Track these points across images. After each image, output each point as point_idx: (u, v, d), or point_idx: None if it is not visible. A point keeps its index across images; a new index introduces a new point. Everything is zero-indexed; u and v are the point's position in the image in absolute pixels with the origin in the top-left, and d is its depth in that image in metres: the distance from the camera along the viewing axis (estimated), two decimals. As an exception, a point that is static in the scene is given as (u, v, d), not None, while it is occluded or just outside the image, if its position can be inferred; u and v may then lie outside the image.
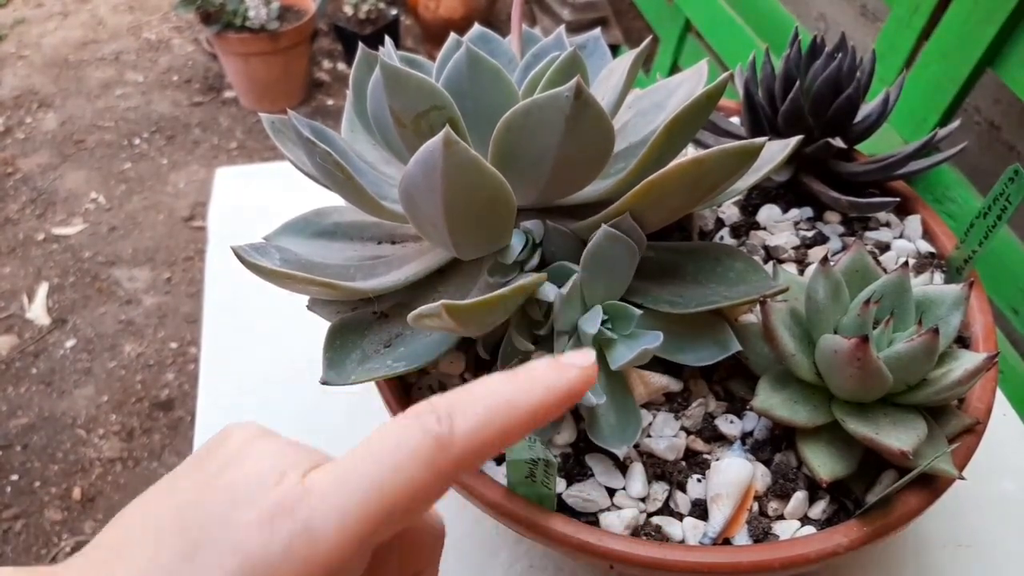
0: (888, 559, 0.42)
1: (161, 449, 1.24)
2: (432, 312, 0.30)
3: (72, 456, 1.23)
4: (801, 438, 0.36)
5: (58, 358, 1.36)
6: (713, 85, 0.34)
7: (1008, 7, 0.58)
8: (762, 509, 0.35)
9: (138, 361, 1.36)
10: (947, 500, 0.34)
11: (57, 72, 2.02)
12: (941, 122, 0.65)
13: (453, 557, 0.42)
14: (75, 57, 2.08)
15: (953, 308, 0.37)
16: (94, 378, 1.33)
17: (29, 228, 1.59)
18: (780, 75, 0.48)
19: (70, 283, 1.49)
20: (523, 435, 0.19)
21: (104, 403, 1.30)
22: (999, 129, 0.85)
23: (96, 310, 1.44)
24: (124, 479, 1.20)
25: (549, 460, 0.31)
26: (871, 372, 0.33)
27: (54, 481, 1.19)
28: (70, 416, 1.28)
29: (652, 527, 0.34)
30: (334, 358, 0.35)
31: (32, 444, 1.24)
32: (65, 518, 1.15)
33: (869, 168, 0.48)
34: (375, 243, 0.41)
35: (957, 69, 0.63)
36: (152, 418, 1.28)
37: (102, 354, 1.37)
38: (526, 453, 0.31)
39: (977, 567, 0.43)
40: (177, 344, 1.39)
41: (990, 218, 0.41)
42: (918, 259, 0.45)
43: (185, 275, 1.51)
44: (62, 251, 1.55)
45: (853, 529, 0.33)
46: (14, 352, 1.37)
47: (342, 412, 0.48)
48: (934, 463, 0.32)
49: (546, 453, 0.31)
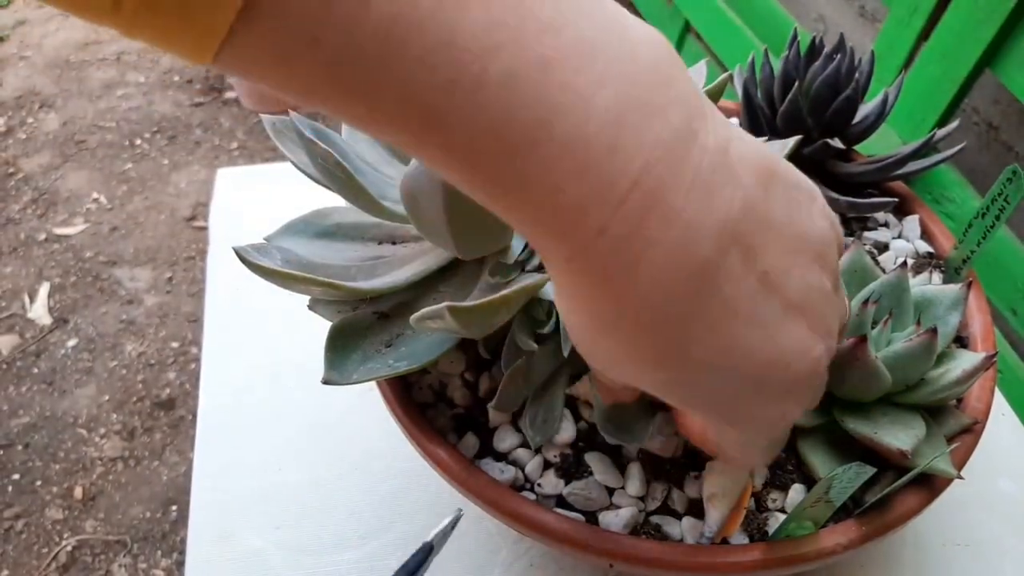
0: (886, 558, 0.43)
1: (162, 448, 1.24)
2: (435, 314, 0.30)
3: (73, 455, 1.23)
4: (800, 437, 0.36)
5: (59, 357, 1.36)
6: (712, 86, 0.34)
7: (1007, 8, 0.58)
8: (761, 502, 0.35)
9: (139, 360, 1.36)
10: (945, 499, 0.34)
11: (59, 73, 2.03)
12: (940, 123, 0.65)
13: (453, 556, 0.42)
14: (76, 58, 2.08)
15: (951, 308, 0.37)
16: (95, 377, 1.33)
17: (31, 228, 1.60)
18: (779, 76, 0.48)
19: (71, 283, 1.49)
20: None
21: (105, 402, 1.30)
22: (997, 129, 0.85)
23: (97, 310, 1.44)
24: (125, 478, 1.20)
25: (864, 468, 0.31)
26: (870, 372, 0.33)
27: (55, 480, 1.20)
28: (71, 415, 1.28)
29: (651, 526, 0.34)
30: (335, 358, 0.35)
31: (33, 443, 1.24)
32: (66, 517, 1.15)
33: (868, 168, 0.48)
34: (376, 243, 0.41)
35: (956, 70, 0.63)
36: (153, 417, 1.28)
37: (103, 353, 1.37)
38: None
39: (975, 566, 0.43)
40: (178, 344, 1.39)
41: (988, 218, 0.41)
42: (917, 259, 0.45)
43: (186, 275, 1.51)
44: (63, 251, 1.55)
45: (851, 528, 0.33)
46: (15, 352, 1.37)
47: (343, 412, 0.49)
48: (933, 463, 0.32)
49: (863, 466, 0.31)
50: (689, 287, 0.20)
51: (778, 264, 0.22)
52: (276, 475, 0.46)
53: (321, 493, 0.45)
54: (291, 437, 0.48)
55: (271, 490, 0.46)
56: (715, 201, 0.20)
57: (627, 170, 0.19)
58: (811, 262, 0.23)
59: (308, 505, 0.45)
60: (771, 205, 0.22)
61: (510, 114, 0.18)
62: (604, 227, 0.19)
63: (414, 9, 0.17)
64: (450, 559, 0.42)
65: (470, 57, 0.18)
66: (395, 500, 0.45)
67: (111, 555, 1.11)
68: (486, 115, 0.18)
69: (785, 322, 0.23)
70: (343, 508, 0.45)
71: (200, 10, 0.16)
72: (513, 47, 0.18)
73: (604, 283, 0.20)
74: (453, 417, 0.38)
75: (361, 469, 0.46)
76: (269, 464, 0.47)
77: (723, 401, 0.24)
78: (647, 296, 0.20)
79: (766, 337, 0.22)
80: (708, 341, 0.21)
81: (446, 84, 0.18)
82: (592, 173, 0.19)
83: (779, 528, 0.33)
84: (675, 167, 0.19)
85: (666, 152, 0.19)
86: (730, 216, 0.20)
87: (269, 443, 0.48)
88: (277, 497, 0.45)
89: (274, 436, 0.48)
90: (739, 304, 0.21)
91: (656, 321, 0.21)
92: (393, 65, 0.17)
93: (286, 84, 0.18)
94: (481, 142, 0.19)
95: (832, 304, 0.25)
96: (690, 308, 0.21)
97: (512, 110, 0.18)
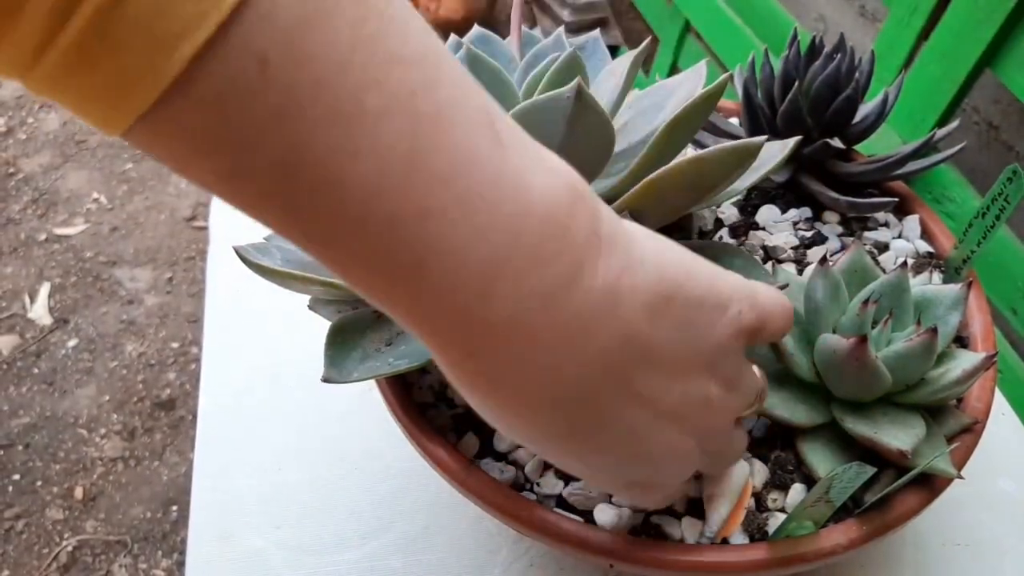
0: (886, 558, 0.43)
1: (163, 448, 1.24)
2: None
3: (74, 455, 1.23)
4: (800, 437, 0.36)
5: (60, 358, 1.36)
6: (712, 86, 0.34)
7: (1007, 7, 0.58)
8: (761, 502, 0.35)
9: (140, 361, 1.36)
10: (945, 499, 0.34)
11: (58, 72, 2.03)
12: (940, 122, 0.65)
13: (453, 556, 0.42)
14: (76, 57, 2.08)
15: (952, 308, 0.37)
16: (96, 378, 1.33)
17: (31, 228, 1.60)
18: (779, 76, 0.48)
19: (72, 283, 1.49)
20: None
21: (106, 402, 1.30)
22: (998, 129, 0.85)
23: (98, 310, 1.44)
24: (126, 478, 1.20)
25: (864, 468, 0.31)
26: (870, 372, 0.33)
27: (56, 480, 1.20)
28: (72, 415, 1.28)
29: (651, 526, 0.34)
30: (335, 356, 0.35)
31: (34, 443, 1.24)
32: (67, 517, 1.15)
33: (868, 168, 0.48)
34: (376, 243, 0.41)
35: (956, 69, 0.63)
36: (154, 417, 1.28)
37: (104, 354, 1.37)
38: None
39: (975, 566, 0.43)
40: (178, 344, 1.39)
41: (989, 218, 0.41)
42: (917, 259, 0.45)
43: (187, 275, 1.51)
44: (64, 251, 1.55)
45: (851, 528, 0.33)
46: (16, 352, 1.37)
47: (343, 412, 0.49)
48: (933, 462, 0.32)
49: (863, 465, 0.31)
50: (550, 405, 0.22)
51: (653, 384, 0.24)
52: (276, 475, 0.46)
53: (321, 493, 0.45)
54: (291, 437, 0.48)
55: (271, 490, 0.46)
56: (589, 339, 0.22)
57: (497, 313, 0.20)
58: (696, 374, 0.25)
59: (308, 505, 0.45)
60: (655, 333, 0.23)
61: (389, 254, 0.20)
62: (472, 352, 0.21)
63: (305, 150, 0.18)
64: (450, 559, 0.42)
65: (353, 199, 0.19)
66: (395, 500, 0.45)
67: (111, 555, 1.11)
68: (366, 249, 0.20)
69: (653, 431, 0.24)
70: (343, 508, 0.45)
71: (125, 85, 0.17)
72: (397, 195, 0.19)
73: (472, 387, 0.23)
74: (453, 417, 0.38)
75: (361, 469, 0.46)
76: (269, 464, 0.47)
77: (593, 477, 0.27)
78: (512, 405, 0.22)
79: (628, 443, 0.24)
80: (570, 442, 0.24)
81: (331, 218, 0.19)
82: (461, 312, 0.20)
83: (779, 528, 0.33)
84: (549, 313, 0.21)
85: (542, 300, 0.21)
86: (606, 350, 0.22)
87: (269, 443, 0.48)
88: (277, 497, 0.45)
89: (274, 436, 0.48)
90: (605, 418, 0.23)
91: (518, 419, 0.23)
92: (282, 191, 0.19)
93: (185, 175, 0.19)
94: (360, 268, 0.20)
95: (715, 406, 0.26)
96: (552, 419, 0.23)
97: (391, 251, 0.19)
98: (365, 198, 0.19)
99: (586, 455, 0.25)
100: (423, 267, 0.20)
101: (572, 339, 0.21)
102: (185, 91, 0.17)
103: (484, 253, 0.20)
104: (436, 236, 0.19)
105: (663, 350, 0.23)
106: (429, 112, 0.19)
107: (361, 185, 0.18)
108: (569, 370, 0.22)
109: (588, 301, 0.21)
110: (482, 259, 0.20)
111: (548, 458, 0.26)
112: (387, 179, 0.19)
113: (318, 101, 0.18)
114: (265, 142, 0.18)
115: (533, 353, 0.21)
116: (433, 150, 0.19)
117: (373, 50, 0.18)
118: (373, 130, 0.18)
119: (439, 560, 0.42)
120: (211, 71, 0.17)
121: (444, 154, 0.19)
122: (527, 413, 0.23)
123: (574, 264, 0.21)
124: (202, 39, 0.16)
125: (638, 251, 0.23)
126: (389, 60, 0.18)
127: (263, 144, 0.18)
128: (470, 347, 0.21)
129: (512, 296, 0.20)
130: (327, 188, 0.18)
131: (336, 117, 0.18)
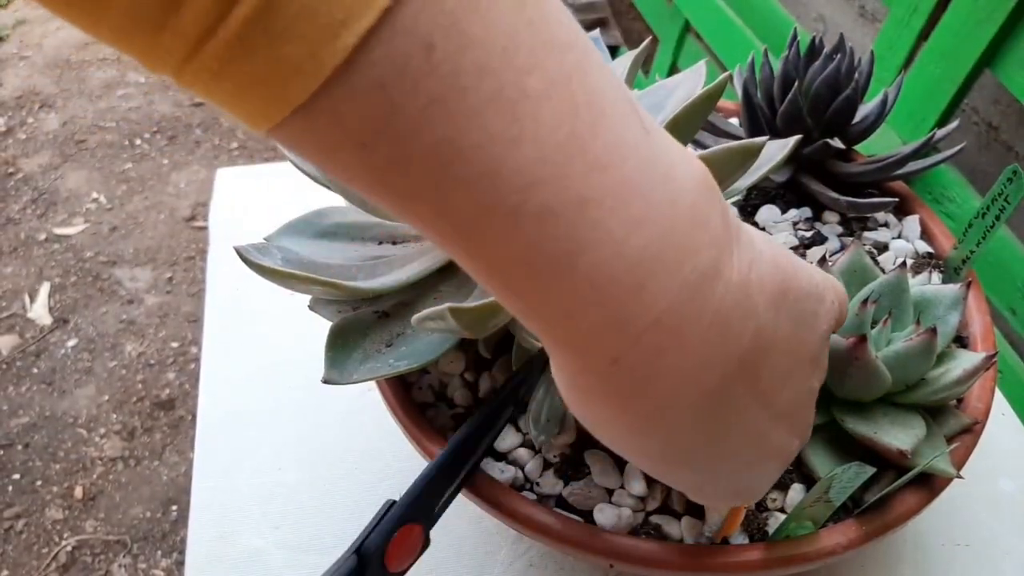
0: (886, 558, 0.43)
1: (162, 448, 1.24)
2: (437, 315, 0.30)
3: (73, 455, 1.23)
4: (800, 437, 0.36)
5: (59, 357, 1.36)
6: (712, 85, 0.34)
7: (1007, 8, 0.58)
8: (761, 502, 0.35)
9: (139, 360, 1.36)
10: (945, 499, 0.34)
11: (59, 72, 2.03)
12: (939, 122, 0.65)
13: (453, 556, 0.42)
14: (77, 57, 2.08)
15: (951, 308, 0.37)
16: (95, 377, 1.33)
17: (31, 228, 1.60)
18: (779, 76, 0.48)
19: (71, 283, 1.49)
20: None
21: (105, 402, 1.30)
22: (997, 129, 0.85)
23: (97, 310, 1.44)
24: (125, 478, 1.20)
25: (863, 468, 0.31)
26: (869, 371, 0.33)
27: (55, 480, 1.20)
28: (71, 415, 1.28)
29: (651, 526, 0.34)
30: (336, 357, 0.35)
31: (33, 443, 1.24)
32: (66, 517, 1.15)
33: (868, 168, 0.48)
34: (376, 243, 0.41)
35: (956, 70, 0.63)
36: (153, 417, 1.28)
37: (103, 354, 1.37)
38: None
39: (975, 566, 0.43)
40: (178, 344, 1.39)
41: (988, 218, 0.41)
42: (916, 259, 0.45)
43: (186, 275, 1.51)
44: (63, 251, 1.55)
45: (851, 528, 0.33)
46: (15, 352, 1.37)
47: (343, 412, 0.49)
48: (932, 462, 0.32)
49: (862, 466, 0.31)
50: (689, 412, 0.21)
51: (775, 382, 0.23)
52: (276, 475, 0.46)
53: (321, 493, 0.45)
54: (291, 437, 0.48)
55: (271, 490, 0.46)
56: (730, 336, 0.21)
57: (650, 310, 0.19)
58: (805, 368, 0.25)
59: (308, 505, 0.45)
60: (779, 326, 0.22)
61: (540, 245, 0.18)
62: (618, 358, 0.20)
63: (464, 137, 0.17)
64: (450, 559, 0.42)
65: (510, 189, 0.18)
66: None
67: (111, 555, 1.11)
68: (516, 242, 0.18)
69: (770, 431, 0.24)
70: (343, 508, 0.45)
71: (284, 77, 0.16)
72: (555, 184, 0.18)
73: (605, 399, 0.21)
74: (453, 417, 0.38)
75: (361, 469, 0.46)
76: (269, 464, 0.47)
77: (696, 488, 0.26)
78: (647, 416, 0.21)
79: (750, 446, 0.24)
80: (696, 452, 0.23)
81: (483, 209, 0.18)
82: (613, 307, 0.19)
83: (779, 528, 0.33)
84: (698, 308, 0.20)
85: (692, 293, 0.20)
86: (741, 348, 0.21)
87: (269, 443, 0.48)
88: (277, 497, 0.45)
89: (274, 436, 0.48)
90: (733, 421, 0.23)
91: (648, 432, 0.22)
92: (435, 182, 0.18)
93: (330, 170, 0.18)
94: (506, 263, 0.19)
95: (813, 401, 0.26)
96: (685, 428, 0.22)
97: (543, 242, 0.18)
98: (523, 186, 0.18)
99: (713, 462, 0.24)
100: (575, 259, 0.18)
101: (718, 336, 0.20)
102: (347, 80, 0.16)
103: (641, 242, 0.19)
104: (591, 226, 0.18)
105: (782, 345, 0.23)
106: (585, 97, 0.18)
107: (519, 172, 0.18)
108: (714, 369, 0.21)
109: (728, 295, 0.20)
110: (638, 250, 0.19)
111: (658, 471, 0.25)
112: (546, 167, 0.18)
113: (481, 86, 0.17)
114: (423, 131, 0.17)
115: (680, 352, 0.20)
116: (591, 136, 0.18)
117: (532, 33, 0.18)
118: (535, 115, 0.17)
119: (439, 560, 0.42)
120: (375, 59, 0.16)
121: (600, 141, 0.18)
122: (661, 424, 0.21)
123: (715, 258, 0.20)
124: (367, 25, 0.16)
125: (757, 242, 0.22)
126: (546, 44, 0.18)
127: (421, 134, 0.17)
128: (616, 350, 0.20)
129: (665, 289, 0.19)
130: (483, 177, 0.18)
131: (498, 103, 0.17)
